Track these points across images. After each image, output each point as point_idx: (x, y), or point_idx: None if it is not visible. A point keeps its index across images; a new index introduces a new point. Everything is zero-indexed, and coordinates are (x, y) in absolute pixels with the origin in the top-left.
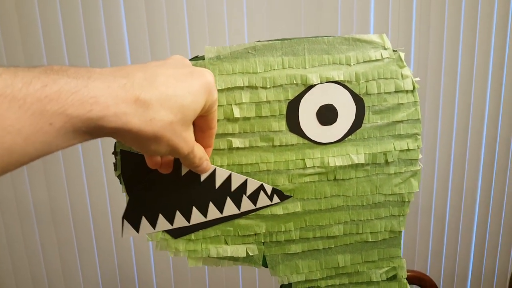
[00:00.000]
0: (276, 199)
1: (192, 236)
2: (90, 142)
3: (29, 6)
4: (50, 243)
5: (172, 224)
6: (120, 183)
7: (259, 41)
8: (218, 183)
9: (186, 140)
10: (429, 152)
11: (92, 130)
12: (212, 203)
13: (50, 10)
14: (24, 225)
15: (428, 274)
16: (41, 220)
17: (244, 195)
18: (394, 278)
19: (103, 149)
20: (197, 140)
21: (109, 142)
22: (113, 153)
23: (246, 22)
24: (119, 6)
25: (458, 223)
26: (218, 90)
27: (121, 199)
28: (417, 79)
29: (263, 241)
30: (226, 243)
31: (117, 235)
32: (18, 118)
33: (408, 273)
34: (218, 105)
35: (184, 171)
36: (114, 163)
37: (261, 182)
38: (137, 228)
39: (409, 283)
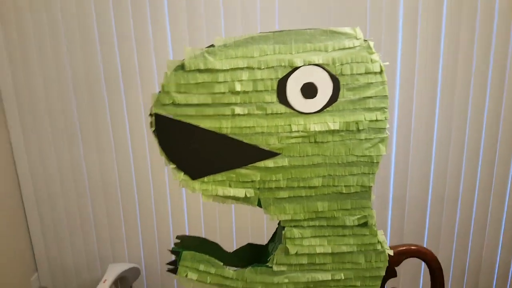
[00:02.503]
0: None
1: (205, 179)
2: (138, 131)
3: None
4: (100, 212)
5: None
6: (155, 137)
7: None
8: None
9: None
10: (457, 143)
11: None
12: None
13: None
14: (80, 196)
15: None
16: (93, 193)
17: None
18: (365, 224)
19: (148, 135)
20: None
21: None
22: (149, 115)
23: (259, 20)
24: None
25: (486, 214)
26: (224, 70)
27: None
28: (386, 63)
29: (258, 187)
30: (230, 186)
31: (158, 206)
32: None
33: (411, 247)
34: (224, 81)
35: None
36: (150, 122)
37: None
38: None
39: (411, 257)
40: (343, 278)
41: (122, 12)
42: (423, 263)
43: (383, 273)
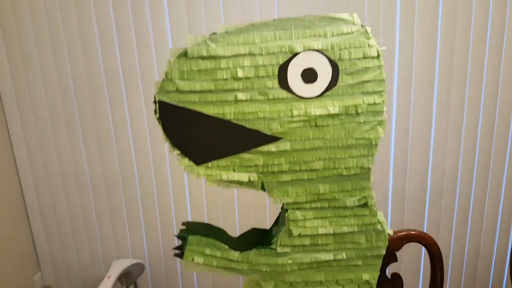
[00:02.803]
0: None
1: (209, 164)
2: (139, 127)
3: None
4: (103, 208)
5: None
6: (159, 124)
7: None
8: None
9: None
10: (455, 134)
11: None
12: None
13: None
14: (82, 193)
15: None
16: (96, 190)
17: None
18: (365, 205)
19: (149, 130)
20: None
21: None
22: (153, 102)
23: (258, 9)
24: None
25: (484, 203)
26: (226, 57)
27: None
28: (383, 48)
29: (261, 171)
30: (234, 170)
31: (160, 201)
32: None
33: (411, 232)
34: (226, 68)
35: None
36: (154, 109)
37: None
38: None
39: (411, 241)
40: (345, 257)
41: (120, 6)
42: (423, 249)
43: (383, 252)
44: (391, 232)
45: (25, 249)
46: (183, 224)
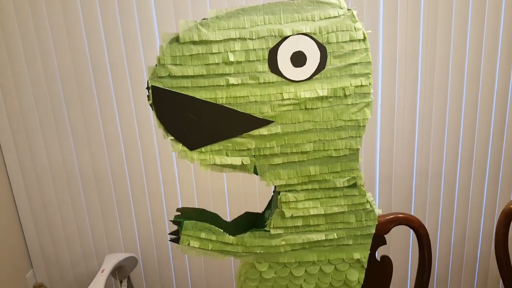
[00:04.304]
0: None
1: (203, 149)
2: (128, 120)
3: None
4: (93, 203)
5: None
6: (152, 110)
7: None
8: None
9: None
10: (440, 117)
11: None
12: None
13: None
14: (72, 189)
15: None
16: (85, 184)
17: None
18: (354, 186)
19: (138, 123)
20: None
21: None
22: (146, 88)
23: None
24: None
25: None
26: (217, 41)
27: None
28: (369, 31)
29: (253, 154)
30: (227, 155)
31: (151, 195)
32: None
33: (399, 215)
34: (217, 52)
35: None
36: (147, 95)
37: None
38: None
39: (399, 224)
40: (336, 237)
41: (107, 3)
42: (411, 232)
43: (373, 231)
44: (380, 212)
45: (16, 247)
46: (177, 210)
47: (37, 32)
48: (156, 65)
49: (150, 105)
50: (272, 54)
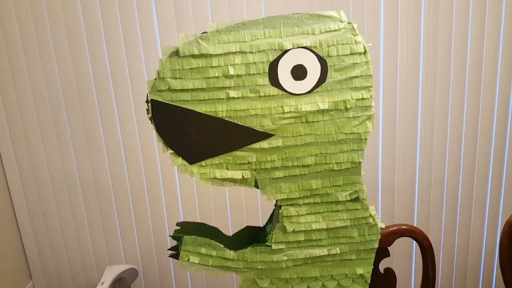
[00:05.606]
0: None
1: (203, 163)
2: (129, 130)
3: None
4: (94, 214)
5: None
6: (152, 123)
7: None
8: None
9: None
10: (442, 127)
11: None
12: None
13: None
14: (72, 200)
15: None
16: (86, 195)
17: None
18: (357, 199)
19: (140, 134)
20: None
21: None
22: (146, 101)
23: (245, 8)
24: None
25: (471, 196)
26: (217, 55)
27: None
28: (370, 44)
29: (254, 168)
30: (227, 168)
31: (152, 206)
32: None
33: (402, 227)
34: (217, 66)
35: None
36: (146, 108)
37: None
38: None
39: (402, 236)
40: (338, 252)
41: (109, 9)
42: (414, 243)
43: (376, 245)
44: (383, 225)
45: (16, 259)
46: (177, 224)
47: (39, 42)
48: (155, 79)
49: (150, 118)
50: (273, 68)
